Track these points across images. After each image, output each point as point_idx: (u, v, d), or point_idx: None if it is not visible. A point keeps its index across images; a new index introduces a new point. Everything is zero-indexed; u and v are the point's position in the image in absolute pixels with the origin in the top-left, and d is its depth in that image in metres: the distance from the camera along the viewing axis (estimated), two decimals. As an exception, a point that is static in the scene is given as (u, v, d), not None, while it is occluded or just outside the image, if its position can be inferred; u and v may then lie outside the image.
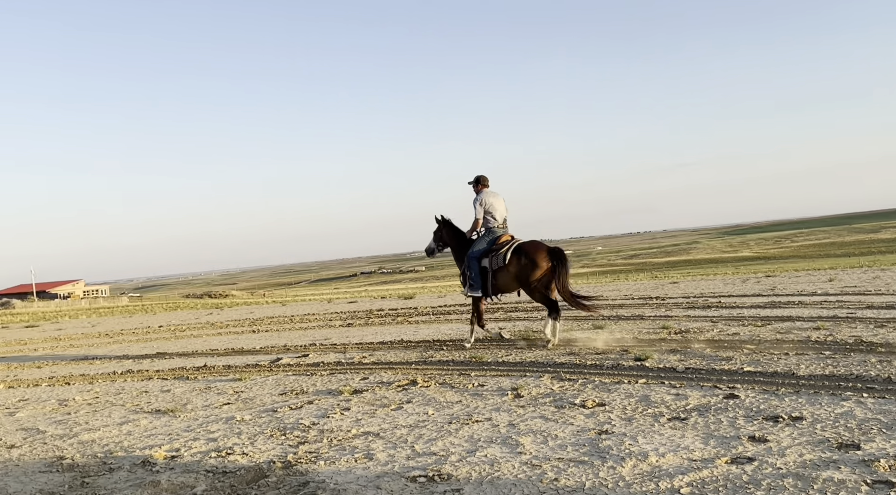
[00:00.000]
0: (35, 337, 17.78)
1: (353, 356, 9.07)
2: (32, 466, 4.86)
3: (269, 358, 9.59)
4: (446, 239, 9.82)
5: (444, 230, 9.80)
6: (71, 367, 10.32)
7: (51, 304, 77.94)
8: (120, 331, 17.24)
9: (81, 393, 7.83)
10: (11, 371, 10.49)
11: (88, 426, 6.05)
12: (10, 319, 33.43)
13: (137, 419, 6.19)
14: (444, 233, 9.84)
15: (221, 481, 4.18)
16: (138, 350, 12.09)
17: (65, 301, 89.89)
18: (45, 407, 7.10)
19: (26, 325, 24.41)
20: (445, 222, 9.80)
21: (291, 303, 26.38)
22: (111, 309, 42.03)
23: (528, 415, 5.24)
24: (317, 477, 4.11)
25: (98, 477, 4.47)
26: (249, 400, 6.69)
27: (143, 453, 4.97)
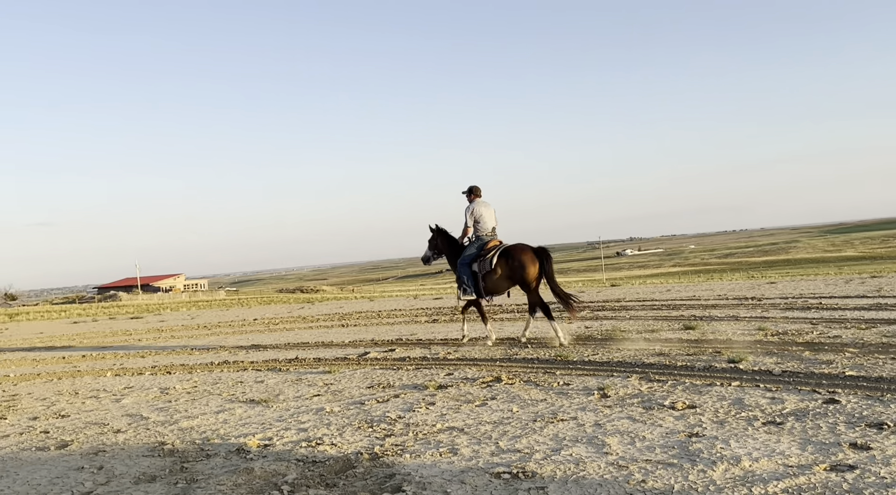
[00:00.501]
0: (139, 328, 18.77)
1: (438, 351, 9.14)
2: (136, 450, 5.14)
3: (357, 351, 9.80)
4: (441, 246, 10.30)
5: (439, 238, 10.28)
6: (172, 357, 10.84)
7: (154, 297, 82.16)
8: (217, 323, 17.99)
9: (181, 382, 8.22)
10: (118, 360, 11.12)
11: (187, 414, 6.34)
12: (116, 311, 35.42)
13: (233, 408, 6.45)
14: (438, 242, 10.31)
15: (311, 470, 4.30)
16: (234, 342, 12.59)
17: (166, 294, 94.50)
18: (148, 395, 7.49)
19: (131, 317, 25.80)
20: (440, 231, 10.26)
21: (379, 299, 26.84)
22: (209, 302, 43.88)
23: (614, 416, 5.15)
24: (402, 470, 4.17)
25: (196, 462, 4.69)
26: (338, 392, 6.86)
27: (238, 441, 5.18)
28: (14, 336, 19.17)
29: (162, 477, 4.38)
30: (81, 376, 9.37)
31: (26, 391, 8.34)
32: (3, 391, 8.47)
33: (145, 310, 32.11)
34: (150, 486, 4.21)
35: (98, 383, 8.61)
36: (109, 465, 4.74)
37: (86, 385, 8.54)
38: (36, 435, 5.86)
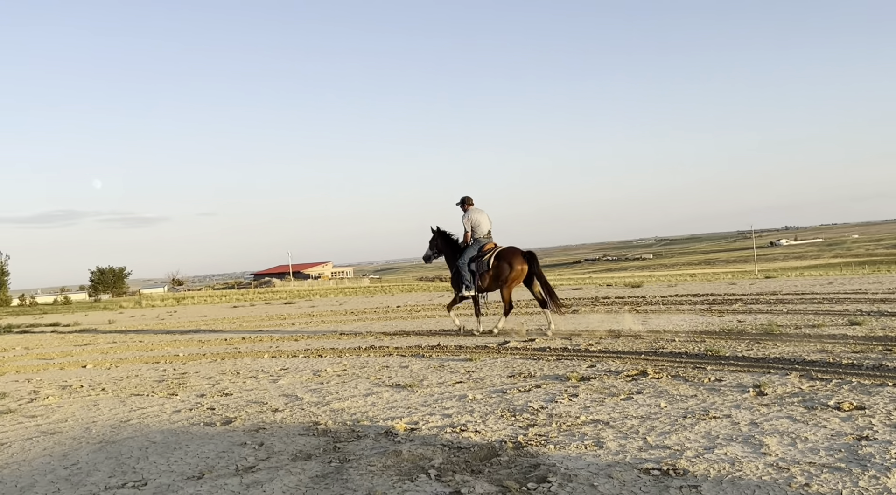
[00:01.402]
0: (292, 312, 19.84)
1: (580, 343, 9.01)
2: (293, 429, 5.44)
3: (497, 340, 9.85)
4: (441, 246, 11.36)
5: (440, 239, 11.33)
6: (322, 341, 11.38)
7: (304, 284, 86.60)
8: (363, 309, 18.68)
9: (332, 365, 8.60)
10: (274, 342, 11.81)
11: (338, 396, 6.63)
12: (271, 296, 37.63)
13: (380, 392, 6.67)
14: (438, 242, 11.36)
15: (457, 456, 4.37)
16: (379, 327, 13.02)
17: (316, 281, 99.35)
18: (302, 377, 7.89)
19: (285, 302, 27.34)
20: (441, 233, 11.33)
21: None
22: (355, 289, 45.66)
23: (772, 415, 4.86)
24: (547, 461, 4.15)
25: (347, 443, 4.89)
26: (480, 380, 6.92)
27: (386, 424, 5.35)
28: (182, 318, 20.85)
29: (317, 456, 4.61)
30: (242, 357, 10.04)
31: (193, 370, 9.04)
32: (173, 369, 9.23)
33: (297, 296, 33.88)
34: (306, 464, 4.43)
35: (257, 364, 9.19)
36: (269, 442, 5.04)
37: (246, 365, 9.13)
38: (203, 411, 6.33)
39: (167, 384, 7.95)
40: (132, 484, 4.23)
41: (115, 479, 4.37)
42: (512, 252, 10.59)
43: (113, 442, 5.32)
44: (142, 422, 5.98)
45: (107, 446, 5.22)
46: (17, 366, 10.62)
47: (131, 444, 5.22)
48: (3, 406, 7.12)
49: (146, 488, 4.15)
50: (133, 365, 9.98)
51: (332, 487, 3.95)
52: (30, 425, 6.15)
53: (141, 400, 7.02)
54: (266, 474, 4.26)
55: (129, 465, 4.66)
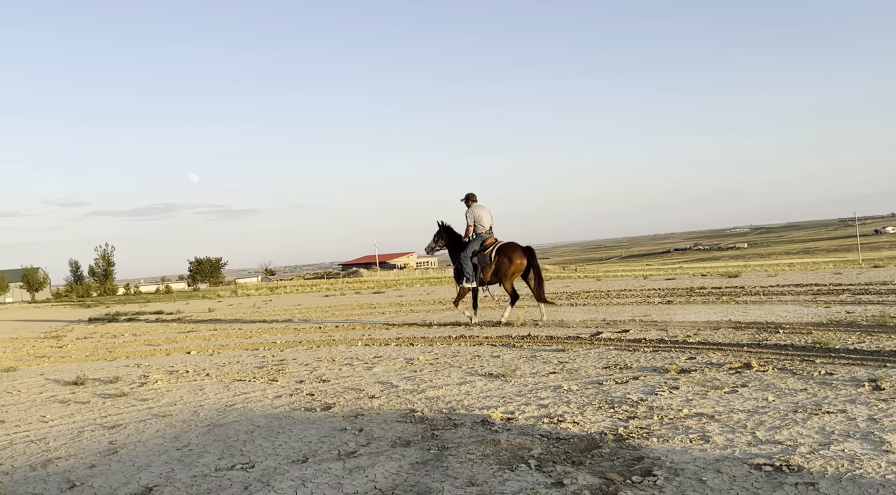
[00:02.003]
0: (381, 302, 20.17)
1: (677, 334, 8.77)
2: (390, 416, 5.51)
3: (588, 331, 9.70)
4: (445, 240, 12.06)
5: (444, 234, 12.03)
6: (413, 330, 11.51)
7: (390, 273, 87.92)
8: (450, 299, 18.76)
9: (424, 353, 8.68)
10: (366, 331, 12.03)
11: (432, 384, 6.68)
12: (359, 286, 38.37)
13: (473, 381, 6.68)
14: (444, 236, 12.05)
15: (556, 447, 4.32)
16: (467, 317, 13.05)
17: (401, 271, 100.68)
18: (395, 364, 8.00)
19: (374, 292, 27.81)
20: (445, 227, 12.03)
21: (606, 279, 26.38)
22: (440, 279, 45.97)
23: (892, 411, 4.59)
24: (651, 454, 4.05)
25: (445, 430, 4.92)
26: (574, 371, 6.83)
27: (482, 413, 5.35)
28: (277, 307, 21.52)
29: (415, 443, 4.65)
30: (336, 345, 10.27)
31: (291, 357, 9.31)
32: (272, 356, 9.53)
33: (384, 286, 34.41)
34: (405, 450, 4.48)
35: (351, 351, 9.38)
36: (368, 428, 5.13)
37: (340, 353, 9.34)
38: (303, 396, 6.51)
39: (267, 370, 8.21)
40: (240, 467, 4.39)
41: (225, 461, 4.54)
42: (513, 247, 11.30)
43: (220, 426, 5.54)
44: (246, 407, 6.20)
45: (214, 429, 5.44)
46: (127, 352, 11.21)
47: (237, 428, 5.42)
48: (117, 389, 7.52)
49: (254, 470, 4.29)
50: (234, 351, 10.37)
51: (432, 474, 3.98)
52: (142, 408, 6.47)
53: (244, 386, 7.28)
54: (367, 459, 4.33)
55: (236, 448, 4.84)
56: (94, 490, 4.12)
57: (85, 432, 5.62)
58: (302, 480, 4.01)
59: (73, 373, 8.81)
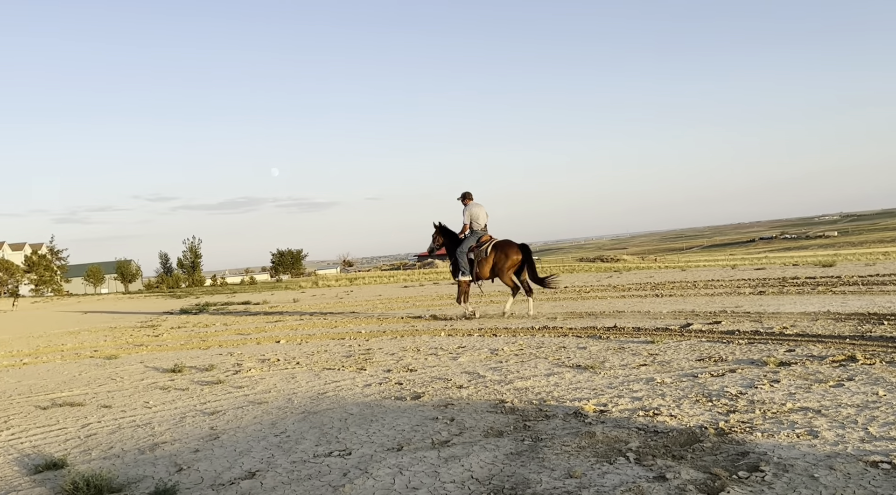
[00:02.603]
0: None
1: (772, 325, 8.44)
2: (480, 406, 5.51)
3: (677, 322, 9.46)
4: (441, 239, 12.70)
5: (441, 233, 12.68)
6: (495, 321, 11.48)
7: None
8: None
9: (507, 344, 8.65)
10: (448, 321, 12.07)
11: (520, 375, 6.64)
12: (435, 277, 38.58)
13: (561, 372, 6.61)
14: (441, 236, 12.70)
15: (654, 440, 4.22)
16: (549, 308, 12.93)
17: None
18: (480, 355, 7.99)
19: (452, 282, 27.88)
20: (441, 227, 12.72)
21: (691, 269, 25.65)
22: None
23: None
24: (756, 449, 3.90)
25: (537, 422, 4.88)
26: (665, 363, 6.66)
27: (573, 405, 5.28)
28: (359, 298, 21.87)
29: (508, 433, 4.63)
30: (419, 335, 10.35)
31: (377, 346, 9.44)
32: (358, 345, 9.69)
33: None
34: (499, 441, 4.47)
35: (434, 342, 9.43)
36: (459, 418, 5.14)
37: (424, 343, 9.40)
38: (392, 385, 6.58)
39: (354, 359, 8.35)
40: (338, 453, 4.47)
41: (322, 448, 4.63)
42: (508, 244, 11.94)
43: (314, 413, 5.66)
44: (337, 395, 6.32)
45: (309, 416, 5.56)
46: (220, 341, 11.61)
47: (331, 415, 5.52)
48: (213, 377, 7.79)
49: (351, 457, 4.36)
50: (321, 341, 10.59)
51: (528, 465, 3.95)
52: (238, 395, 6.68)
53: (333, 374, 7.42)
54: (461, 449, 4.34)
55: (332, 435, 4.93)
56: (200, 473, 4.28)
57: (186, 418, 5.84)
58: (399, 468, 4.06)
59: (170, 361, 9.19)
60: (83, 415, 6.19)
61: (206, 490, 3.95)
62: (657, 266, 39.60)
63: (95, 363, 9.82)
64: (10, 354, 12.09)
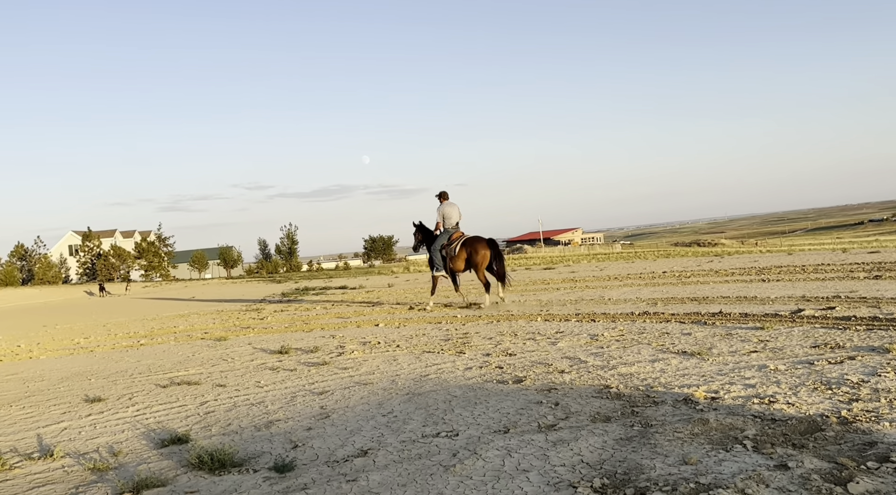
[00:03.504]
0: (553, 277, 20.05)
1: (892, 311, 7.97)
2: (584, 391, 5.46)
3: (787, 308, 9.06)
4: (421, 237, 13.63)
5: (420, 231, 13.63)
6: (592, 306, 11.33)
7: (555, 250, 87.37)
8: (626, 275, 18.30)
9: (607, 330, 8.52)
10: (542, 307, 12.01)
11: (623, 360, 6.53)
12: (525, 262, 38.40)
13: (667, 358, 6.46)
14: (420, 233, 13.63)
15: (772, 428, 4.07)
16: (648, 293, 12.66)
17: (566, 247, 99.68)
18: (580, 340, 7.91)
19: (544, 268, 27.71)
20: (420, 226, 13.66)
21: (798, 253, 24.50)
22: (607, 255, 45.00)
23: None
24: (885, 439, 3.71)
25: (644, 407, 4.79)
26: (778, 350, 6.41)
27: (682, 391, 5.16)
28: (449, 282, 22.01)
29: (616, 419, 4.57)
30: (516, 319, 10.34)
31: (474, 330, 9.49)
32: (455, 329, 9.77)
33: (549, 262, 34.21)
34: (607, 426, 4.42)
35: (531, 326, 9.40)
36: (564, 402, 5.11)
37: (521, 327, 9.39)
38: (492, 369, 6.61)
39: (453, 342, 8.43)
40: (445, 434, 4.53)
41: (429, 428, 4.71)
42: (477, 240, 12.77)
43: (418, 394, 5.76)
44: (439, 377, 6.40)
45: (414, 397, 5.66)
46: (321, 324, 11.96)
47: (435, 397, 5.60)
48: (318, 358, 8.04)
49: (458, 438, 4.42)
50: (418, 324, 10.74)
51: (639, 450, 3.89)
52: (344, 376, 6.87)
53: (433, 357, 7.52)
54: (569, 433, 4.32)
55: (437, 416, 5.00)
56: (315, 450, 4.43)
57: (297, 397, 6.06)
58: (507, 450, 4.08)
59: (276, 343, 9.54)
60: (200, 394, 6.52)
61: (322, 466, 4.09)
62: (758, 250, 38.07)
63: (207, 344, 10.31)
64: (127, 336, 12.85)
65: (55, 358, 10.31)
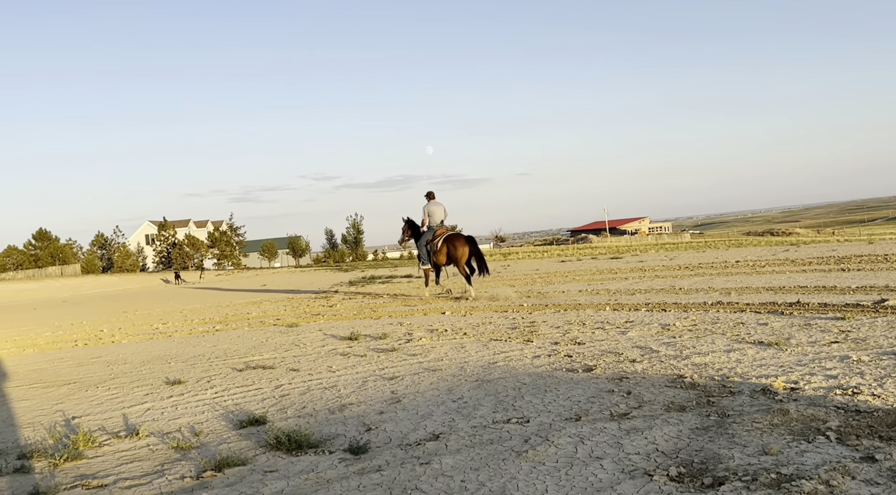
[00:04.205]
0: (621, 267, 19.77)
1: None
2: (657, 380, 5.37)
3: (869, 298, 8.71)
4: (410, 232, 14.63)
5: (408, 226, 14.62)
6: (662, 296, 11.13)
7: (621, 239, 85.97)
8: (697, 264, 17.90)
9: (679, 319, 8.36)
10: (611, 296, 11.86)
11: (696, 350, 6.40)
12: (590, 252, 37.95)
13: (742, 348, 6.30)
14: (408, 228, 14.63)
15: (856, 419, 3.93)
16: (721, 283, 12.36)
17: (632, 236, 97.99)
18: (650, 330, 7.79)
19: (611, 257, 27.36)
20: (409, 221, 14.66)
21: (878, 242, 23.48)
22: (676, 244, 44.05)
23: None
24: (982, 435, 3.53)
25: (721, 398, 4.69)
26: (861, 340, 6.17)
27: (760, 381, 5.02)
28: (516, 272, 21.99)
29: (691, 408, 4.49)
30: (583, 309, 10.24)
31: (541, 319, 9.45)
32: (522, 318, 9.75)
33: (615, 252, 33.73)
34: (682, 415, 4.34)
35: (600, 316, 9.30)
36: (636, 391, 5.05)
37: (589, 316, 9.30)
38: (561, 357, 6.57)
39: (520, 331, 8.42)
40: (516, 420, 4.54)
41: (499, 415, 4.72)
42: (457, 236, 13.81)
43: (487, 381, 5.77)
44: (507, 365, 6.41)
45: (483, 384, 5.68)
46: (389, 311, 12.12)
47: (504, 384, 5.61)
48: (387, 344, 8.15)
49: (529, 425, 4.42)
50: (484, 313, 10.77)
51: (716, 440, 3.81)
52: (413, 362, 6.95)
53: (501, 345, 7.52)
54: (642, 422, 4.27)
55: (507, 403, 5.01)
56: (388, 434, 4.50)
57: (368, 382, 6.16)
58: (579, 437, 4.05)
59: (346, 330, 9.71)
60: (275, 377, 6.70)
61: (395, 449, 4.16)
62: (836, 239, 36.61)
63: (279, 330, 10.58)
64: (203, 322, 13.29)
65: (136, 342, 10.75)
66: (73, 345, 10.84)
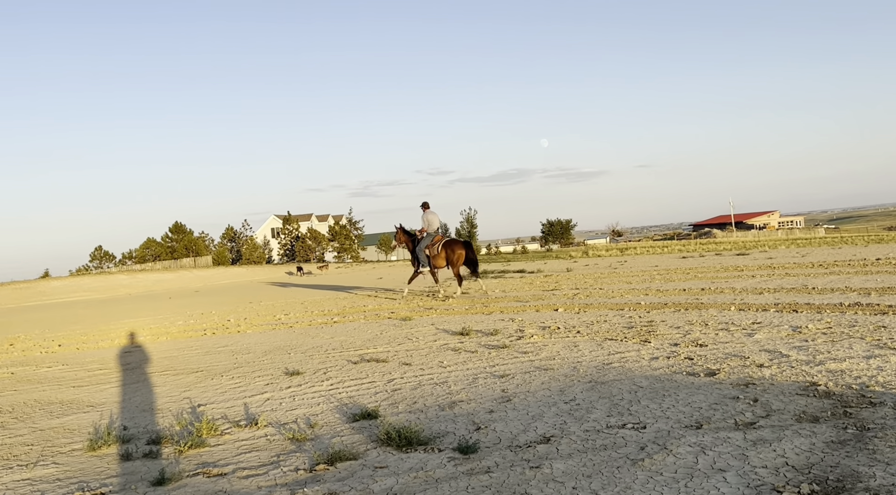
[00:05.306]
0: (748, 264, 18.79)
1: None
2: (786, 387, 5.01)
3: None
4: (402, 238, 16.11)
5: (402, 233, 16.14)
6: (793, 295, 10.45)
7: (748, 234, 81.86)
8: (833, 262, 16.74)
9: (812, 322, 7.80)
10: (737, 295, 11.25)
11: (831, 356, 5.93)
12: (715, 247, 36.38)
13: (885, 355, 5.78)
14: (401, 235, 16.16)
15: None
16: (859, 283, 11.47)
17: (760, 231, 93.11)
18: (780, 332, 7.30)
19: (737, 253, 26.09)
20: (402, 228, 16.20)
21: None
22: (808, 240, 41.45)
23: None
24: None
25: (860, 409, 4.31)
26: None
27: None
28: (633, 268, 21.36)
29: (825, 419, 4.15)
30: (706, 308, 9.77)
31: (659, 318, 9.08)
32: (639, 317, 9.41)
33: (741, 247, 32.13)
34: (815, 427, 4.02)
35: (724, 316, 8.83)
36: (763, 399, 4.72)
37: (712, 317, 8.85)
38: (681, 360, 6.27)
39: (636, 330, 8.12)
40: (631, 426, 4.35)
41: (614, 419, 4.54)
42: (455, 242, 15.32)
43: (601, 383, 5.59)
44: (623, 366, 6.18)
45: (597, 386, 5.50)
46: (501, 307, 12.04)
47: (619, 387, 5.41)
48: (498, 341, 8.08)
49: (646, 432, 4.22)
50: (599, 310, 10.49)
51: (855, 456, 3.49)
52: (524, 360, 6.84)
53: (616, 345, 7.28)
54: (770, 432, 3.98)
55: (622, 407, 4.82)
56: (497, 434, 4.43)
57: (478, 379, 6.11)
58: (700, 447, 3.83)
59: (458, 325, 9.72)
60: (388, 371, 6.78)
61: (505, 450, 4.08)
62: None
63: (393, 323, 10.74)
64: (322, 313, 13.71)
65: (259, 332, 11.22)
66: (202, 334, 11.45)
